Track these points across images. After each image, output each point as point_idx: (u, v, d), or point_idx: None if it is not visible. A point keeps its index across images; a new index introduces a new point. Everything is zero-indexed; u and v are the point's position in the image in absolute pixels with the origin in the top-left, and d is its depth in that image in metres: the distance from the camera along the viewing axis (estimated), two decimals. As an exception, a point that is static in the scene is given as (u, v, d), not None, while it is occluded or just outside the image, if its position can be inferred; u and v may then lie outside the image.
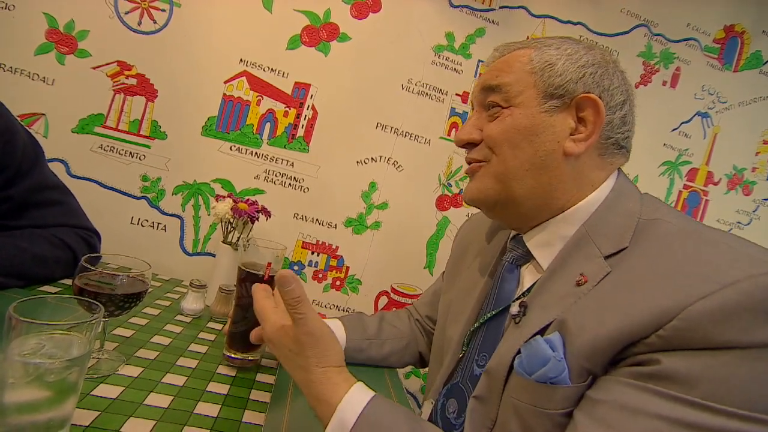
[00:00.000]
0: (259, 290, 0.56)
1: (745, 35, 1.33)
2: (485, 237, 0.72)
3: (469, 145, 0.59)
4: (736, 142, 1.37)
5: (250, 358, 0.67)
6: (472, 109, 0.62)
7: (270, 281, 0.65)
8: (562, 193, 0.54)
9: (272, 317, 0.52)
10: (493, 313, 0.57)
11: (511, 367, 0.49)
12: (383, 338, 0.79)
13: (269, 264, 0.65)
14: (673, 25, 1.29)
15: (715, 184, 1.38)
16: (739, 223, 1.40)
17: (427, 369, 0.82)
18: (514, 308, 0.56)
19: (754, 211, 1.41)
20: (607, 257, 0.48)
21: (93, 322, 0.42)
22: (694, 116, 1.34)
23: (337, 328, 0.75)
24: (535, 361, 0.45)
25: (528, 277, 0.58)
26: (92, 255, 0.56)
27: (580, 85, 0.53)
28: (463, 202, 0.61)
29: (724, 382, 0.37)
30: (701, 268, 0.41)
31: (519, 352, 0.49)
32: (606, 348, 0.42)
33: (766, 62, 1.36)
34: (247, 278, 0.65)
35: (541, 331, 0.48)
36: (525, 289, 0.56)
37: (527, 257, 0.58)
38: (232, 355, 0.66)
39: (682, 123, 1.33)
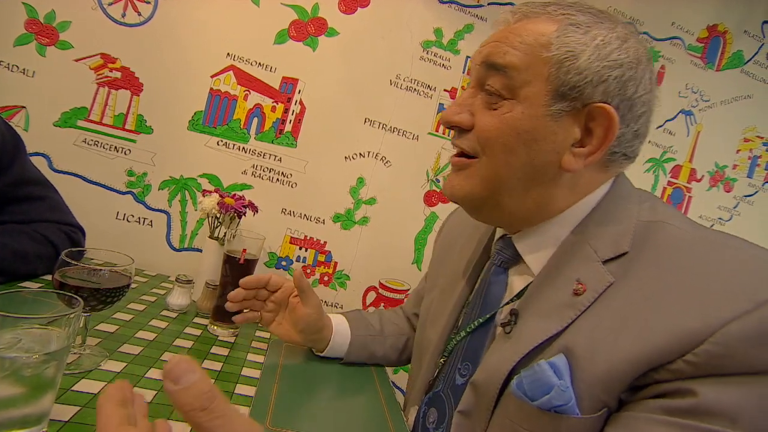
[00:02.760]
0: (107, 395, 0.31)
1: (727, 35, 1.36)
2: (470, 232, 0.69)
3: (456, 127, 0.52)
4: (718, 139, 1.40)
5: (223, 329, 0.77)
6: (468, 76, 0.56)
7: (246, 265, 0.76)
8: (555, 201, 0.50)
9: None
10: (480, 321, 0.54)
11: (505, 384, 0.45)
12: (386, 334, 0.78)
13: (244, 250, 0.74)
14: (658, 24, 1.30)
15: (698, 180, 1.41)
16: (720, 219, 1.44)
17: None
18: (503, 315, 0.52)
19: (734, 207, 1.45)
20: (605, 262, 0.45)
21: (72, 316, 0.41)
22: (678, 114, 1.36)
23: (341, 322, 0.75)
24: (538, 387, 0.41)
25: (517, 281, 0.53)
26: (74, 249, 0.55)
27: (599, 90, 0.44)
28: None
29: None
30: (728, 283, 0.37)
31: (515, 369, 0.44)
32: (623, 376, 0.38)
33: (747, 62, 1.38)
34: (228, 261, 0.77)
35: (540, 346, 0.44)
36: (514, 294, 0.52)
37: (516, 259, 0.54)
38: (216, 328, 0.77)
39: (666, 120, 1.35)
